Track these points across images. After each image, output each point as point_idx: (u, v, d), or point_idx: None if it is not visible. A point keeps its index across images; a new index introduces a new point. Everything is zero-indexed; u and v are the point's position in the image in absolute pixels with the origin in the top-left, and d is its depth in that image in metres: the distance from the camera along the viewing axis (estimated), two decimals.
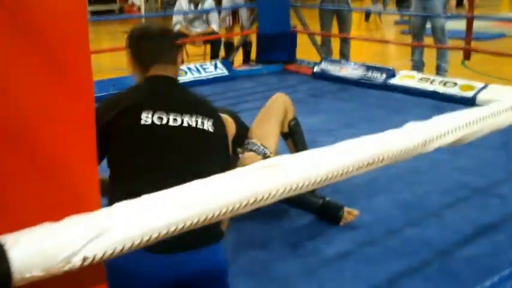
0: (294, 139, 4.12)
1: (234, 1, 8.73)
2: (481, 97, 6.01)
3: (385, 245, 3.25)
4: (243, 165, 3.34)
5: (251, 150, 3.73)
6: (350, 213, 3.51)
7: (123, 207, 1.06)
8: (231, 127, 3.66)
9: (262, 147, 3.75)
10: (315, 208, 3.55)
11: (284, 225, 3.53)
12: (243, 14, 8.99)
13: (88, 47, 1.09)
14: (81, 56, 1.06)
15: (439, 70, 7.19)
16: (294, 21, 8.32)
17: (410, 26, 7.73)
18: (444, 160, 4.30)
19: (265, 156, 3.68)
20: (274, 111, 3.97)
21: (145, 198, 1.08)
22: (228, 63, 7.95)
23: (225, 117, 3.78)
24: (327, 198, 3.55)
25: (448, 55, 7.23)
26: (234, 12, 8.88)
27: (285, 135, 4.12)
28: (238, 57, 8.68)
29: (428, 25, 7.39)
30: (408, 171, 4.17)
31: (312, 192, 3.54)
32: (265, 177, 1.21)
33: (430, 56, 7.50)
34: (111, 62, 9.02)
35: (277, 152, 3.94)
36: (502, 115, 1.78)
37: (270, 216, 3.56)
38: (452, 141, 1.61)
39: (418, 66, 7.41)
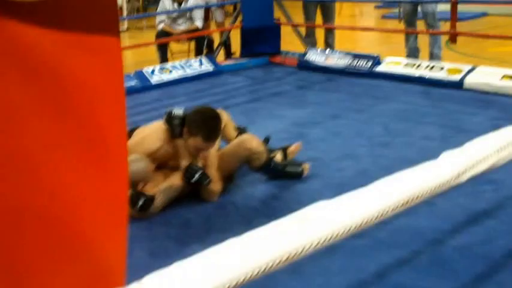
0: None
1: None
2: (468, 80, 5.98)
3: (374, 236, 3.15)
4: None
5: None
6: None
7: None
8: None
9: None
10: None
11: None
12: (216, 10, 9.00)
13: (125, 129, 1.07)
14: (118, 138, 1.04)
15: (433, 57, 7.13)
16: (277, 13, 8.26)
17: (402, 12, 7.66)
18: (433, 147, 4.25)
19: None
20: (232, 160, 3.99)
21: (176, 268, 1.04)
22: (212, 58, 7.89)
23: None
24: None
25: (441, 40, 7.16)
26: (206, 9, 8.83)
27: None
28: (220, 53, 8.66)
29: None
30: (396, 160, 4.13)
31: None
32: (301, 231, 1.22)
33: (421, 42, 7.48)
34: None
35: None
36: None
37: (250, 210, 3.59)
38: (484, 170, 1.63)
39: (413, 53, 7.34)
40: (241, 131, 4.35)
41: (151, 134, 3.82)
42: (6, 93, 0.90)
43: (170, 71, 7.36)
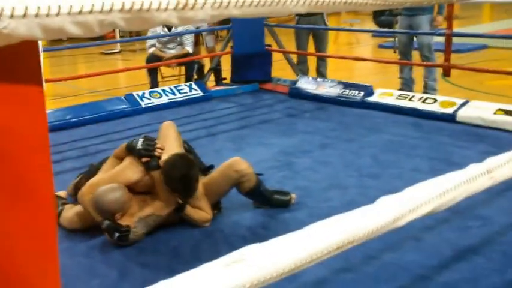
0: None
1: (197, 24, 8.64)
2: (461, 113, 5.92)
3: (362, 271, 3.17)
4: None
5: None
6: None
7: None
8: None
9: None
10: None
11: None
12: (207, 36, 9.02)
13: (50, 172, 1.10)
14: (44, 180, 1.08)
15: (427, 89, 7.11)
16: (269, 40, 8.25)
17: (397, 43, 7.68)
18: (422, 180, 4.17)
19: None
20: (222, 183, 3.94)
21: None
22: (202, 84, 7.88)
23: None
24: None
25: (436, 72, 7.14)
26: (197, 34, 8.83)
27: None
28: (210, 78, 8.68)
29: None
30: (384, 192, 4.04)
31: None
32: (233, 274, 1.23)
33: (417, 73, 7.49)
34: (87, 85, 8.99)
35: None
36: (476, 181, 1.77)
37: (238, 238, 3.59)
38: (424, 214, 1.63)
39: (407, 84, 7.34)
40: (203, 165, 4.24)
41: (132, 164, 3.77)
42: None
43: (160, 95, 7.32)
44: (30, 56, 1.04)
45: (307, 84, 7.41)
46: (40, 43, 4.81)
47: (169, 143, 3.93)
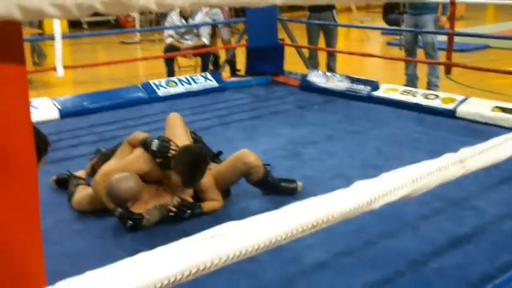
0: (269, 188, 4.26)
1: (213, 16, 8.91)
2: (461, 109, 6.18)
3: (362, 255, 3.35)
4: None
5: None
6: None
7: None
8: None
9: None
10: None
11: None
12: (222, 28, 9.25)
13: (33, 147, 1.12)
14: (27, 157, 1.10)
15: (430, 85, 7.36)
16: (281, 34, 8.47)
17: (403, 41, 7.91)
18: None
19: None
20: (231, 174, 4.10)
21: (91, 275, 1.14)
22: (217, 74, 8.08)
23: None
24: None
25: (439, 70, 7.38)
26: (213, 26, 9.05)
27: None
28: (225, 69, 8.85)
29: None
30: None
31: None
32: (210, 248, 1.27)
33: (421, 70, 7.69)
34: (107, 72, 9.13)
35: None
36: (449, 169, 1.82)
37: None
38: (398, 198, 1.65)
39: (412, 80, 7.57)
40: (215, 155, 4.39)
41: (143, 156, 3.88)
42: None
43: (176, 85, 7.53)
44: (12, 38, 1.03)
45: (317, 78, 7.69)
46: (59, 30, 5.01)
47: (178, 134, 4.08)
